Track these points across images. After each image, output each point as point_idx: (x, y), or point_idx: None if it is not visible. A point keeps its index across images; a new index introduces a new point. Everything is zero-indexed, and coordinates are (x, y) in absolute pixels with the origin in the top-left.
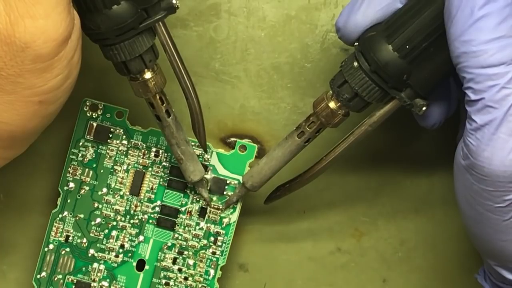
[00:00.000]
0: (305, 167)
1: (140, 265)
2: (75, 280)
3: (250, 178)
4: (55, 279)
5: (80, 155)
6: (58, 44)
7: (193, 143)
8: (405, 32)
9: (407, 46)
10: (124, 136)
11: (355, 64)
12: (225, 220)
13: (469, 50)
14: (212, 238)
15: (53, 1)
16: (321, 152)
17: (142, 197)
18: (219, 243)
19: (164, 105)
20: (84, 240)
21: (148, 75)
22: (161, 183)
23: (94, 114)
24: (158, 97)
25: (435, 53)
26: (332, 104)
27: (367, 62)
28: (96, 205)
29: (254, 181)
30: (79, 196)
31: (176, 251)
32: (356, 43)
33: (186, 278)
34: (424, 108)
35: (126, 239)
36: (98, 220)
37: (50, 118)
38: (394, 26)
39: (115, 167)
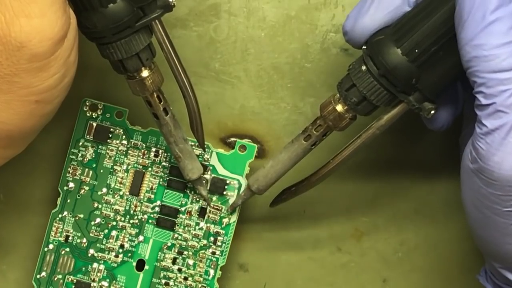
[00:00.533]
0: (307, 170)
1: (140, 265)
2: (75, 280)
3: (256, 181)
4: (55, 279)
5: (80, 155)
6: (54, 43)
7: (192, 143)
8: (414, 36)
9: (416, 50)
10: (124, 136)
11: (363, 67)
12: (225, 220)
13: (480, 54)
14: (212, 238)
15: (48, 0)
16: (323, 154)
17: (141, 197)
18: (219, 243)
19: (162, 103)
20: (84, 240)
21: (145, 73)
22: (160, 183)
23: (94, 114)
24: (155, 95)
25: (444, 57)
26: (339, 108)
27: (375, 66)
28: (96, 205)
29: (260, 184)
30: (79, 196)
31: (176, 251)
32: (364, 47)
33: (186, 278)
34: (432, 112)
35: (126, 239)
36: (98, 220)
37: (48, 118)
38: (403, 29)
39: (115, 167)
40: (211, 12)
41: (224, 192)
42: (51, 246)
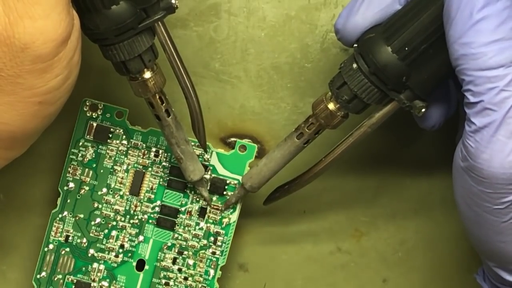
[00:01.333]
0: (304, 168)
1: (140, 265)
2: (75, 280)
3: (249, 179)
4: (55, 279)
5: (80, 155)
6: (57, 45)
7: (193, 143)
8: (404, 34)
9: (406, 48)
10: (124, 136)
11: (354, 65)
12: (225, 220)
13: (468, 52)
14: (212, 238)
15: (52, 1)
16: (320, 152)
17: (142, 197)
18: (219, 243)
19: (164, 104)
20: (84, 240)
21: (147, 74)
22: (161, 183)
23: (94, 114)
24: (157, 97)
25: (434, 55)
26: (331, 106)
27: (366, 64)
28: (96, 205)
29: (253, 182)
30: (79, 196)
31: (176, 251)
32: (355, 45)
33: (186, 278)
34: (423, 110)
35: (126, 239)
36: (98, 220)
37: (51, 119)
38: (393, 28)
39: (115, 167)
40: (211, 12)
41: (224, 192)
42: (51, 246)
